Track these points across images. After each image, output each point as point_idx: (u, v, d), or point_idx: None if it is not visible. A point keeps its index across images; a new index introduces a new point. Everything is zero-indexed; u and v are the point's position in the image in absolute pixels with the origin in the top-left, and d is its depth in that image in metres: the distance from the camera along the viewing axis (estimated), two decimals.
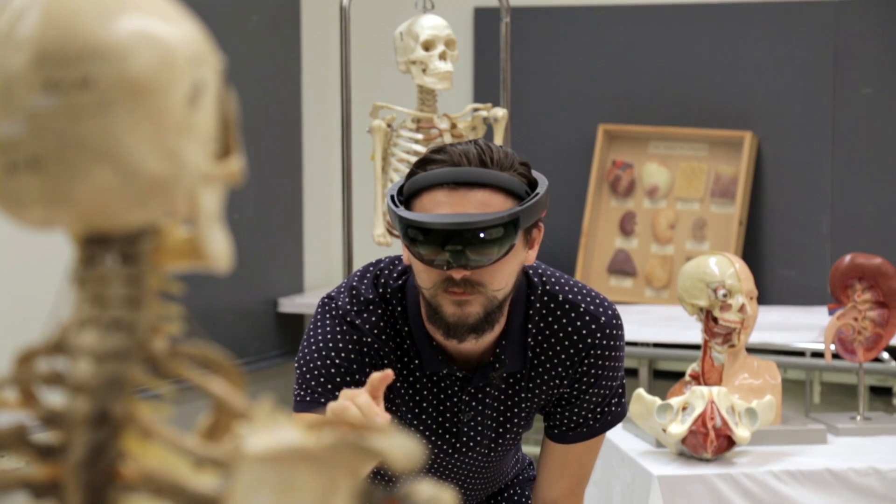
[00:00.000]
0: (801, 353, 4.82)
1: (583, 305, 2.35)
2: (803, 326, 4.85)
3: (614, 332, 2.36)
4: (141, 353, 0.88)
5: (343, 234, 3.94)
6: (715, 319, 3.30)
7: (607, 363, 2.37)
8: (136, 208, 0.86)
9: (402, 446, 0.86)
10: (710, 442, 3.07)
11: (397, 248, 3.92)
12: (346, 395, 1.92)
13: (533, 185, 2.22)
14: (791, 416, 3.52)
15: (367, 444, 0.86)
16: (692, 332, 4.35)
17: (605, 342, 2.35)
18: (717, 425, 3.07)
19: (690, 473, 3.08)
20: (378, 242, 3.79)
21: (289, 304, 5.74)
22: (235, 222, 5.29)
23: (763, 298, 5.34)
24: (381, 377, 1.93)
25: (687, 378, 3.38)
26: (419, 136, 3.78)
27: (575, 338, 2.34)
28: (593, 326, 2.34)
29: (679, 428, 3.08)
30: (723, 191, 5.64)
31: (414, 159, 3.72)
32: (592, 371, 2.37)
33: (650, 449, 3.25)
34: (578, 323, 2.34)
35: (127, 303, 0.88)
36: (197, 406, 1.90)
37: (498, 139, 3.83)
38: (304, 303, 5.73)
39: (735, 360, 3.34)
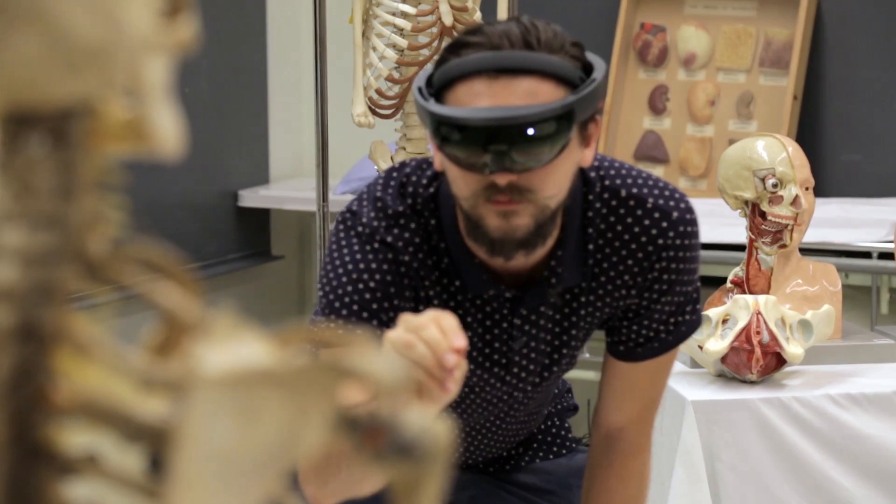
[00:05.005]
0: (866, 255, 4.83)
1: (650, 200, 2.34)
2: (869, 222, 4.86)
3: (689, 228, 2.35)
4: (75, 255, 0.89)
5: (316, 114, 3.93)
6: (763, 214, 3.30)
7: (682, 266, 2.36)
8: (68, 80, 0.86)
9: (385, 367, 0.87)
10: (755, 361, 3.09)
11: (381, 130, 3.92)
12: (409, 324, 1.89)
13: (588, 69, 2.19)
14: (853, 329, 3.54)
15: (344, 364, 0.86)
16: (735, 229, 4.36)
17: (678, 241, 2.35)
18: (763, 341, 3.09)
19: (731, 398, 3.10)
20: (358, 123, 3.78)
21: (251, 197, 5.75)
22: (187, 98, 5.27)
23: (821, 189, 5.34)
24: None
25: (728, 285, 3.40)
26: None
27: (643, 239, 2.34)
28: (664, 224, 2.34)
29: (718, 344, 3.10)
30: (774, 59, 5.62)
31: (400, 22, 3.70)
32: (665, 276, 2.36)
33: (684, 369, 3.28)
34: (647, 221, 2.33)
35: (58, 194, 0.88)
36: (143, 318, 1.90)
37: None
38: (270, 195, 5.74)
39: (786, 263, 3.35)
